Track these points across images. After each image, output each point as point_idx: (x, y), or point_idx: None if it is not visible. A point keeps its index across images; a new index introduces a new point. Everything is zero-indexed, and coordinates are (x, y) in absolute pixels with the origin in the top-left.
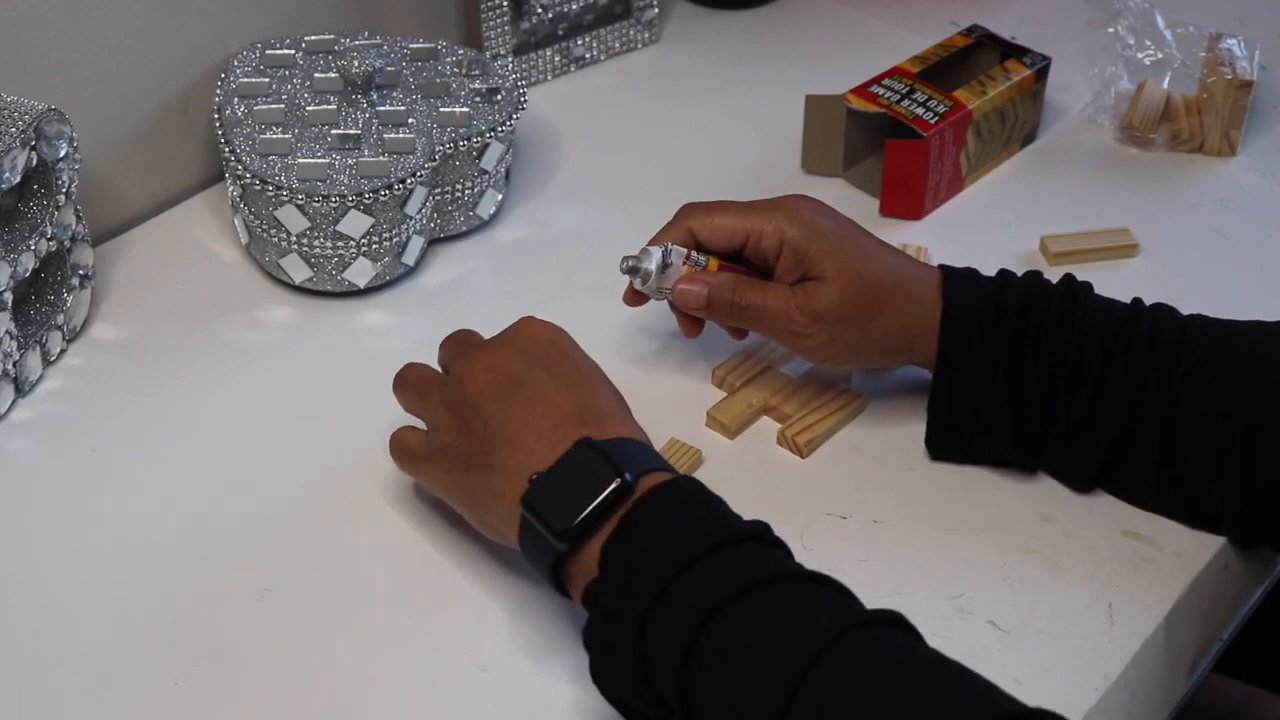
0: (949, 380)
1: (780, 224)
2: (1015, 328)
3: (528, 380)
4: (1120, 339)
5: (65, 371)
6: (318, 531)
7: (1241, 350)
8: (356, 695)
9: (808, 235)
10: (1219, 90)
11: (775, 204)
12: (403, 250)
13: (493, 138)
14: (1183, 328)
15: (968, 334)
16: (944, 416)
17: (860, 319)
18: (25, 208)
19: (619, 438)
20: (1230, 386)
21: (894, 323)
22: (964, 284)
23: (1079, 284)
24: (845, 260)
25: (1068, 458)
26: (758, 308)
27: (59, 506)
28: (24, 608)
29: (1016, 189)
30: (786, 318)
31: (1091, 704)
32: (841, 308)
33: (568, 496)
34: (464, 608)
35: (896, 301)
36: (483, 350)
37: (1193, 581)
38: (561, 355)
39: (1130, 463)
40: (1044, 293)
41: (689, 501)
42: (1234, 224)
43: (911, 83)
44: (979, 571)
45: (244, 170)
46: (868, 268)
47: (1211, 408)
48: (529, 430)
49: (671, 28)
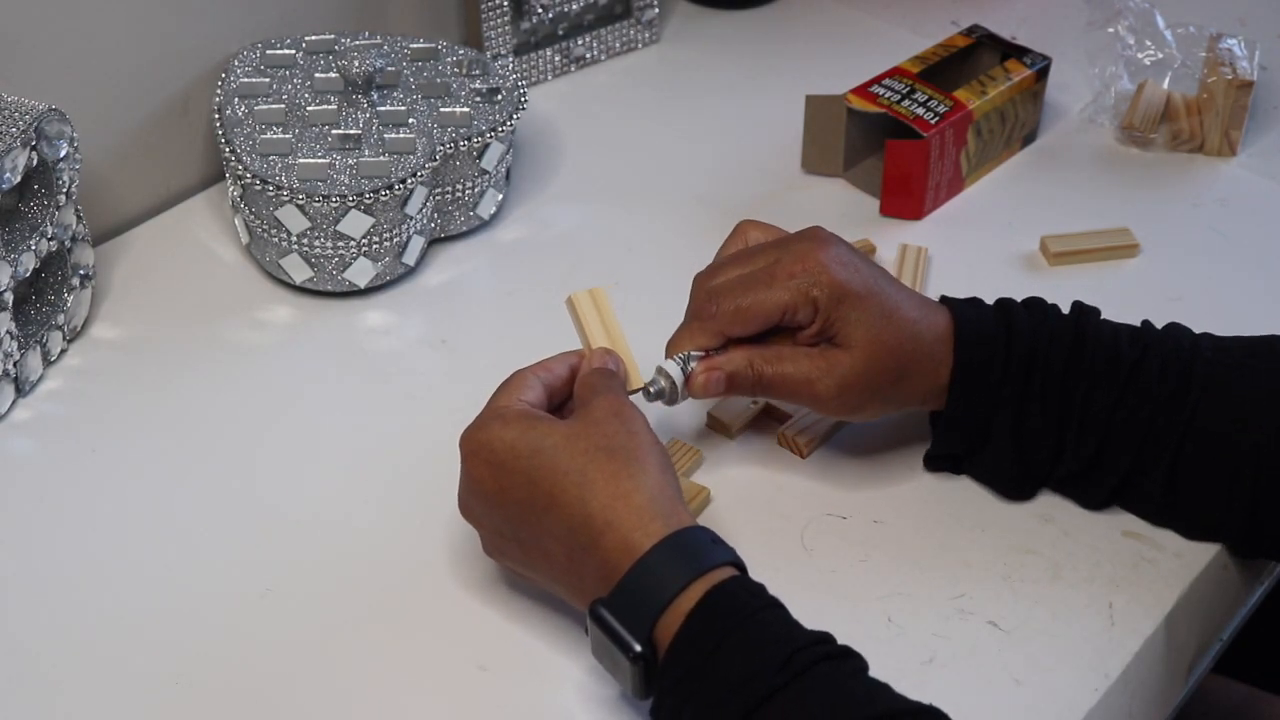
0: (950, 428)
1: (810, 291)
2: (1023, 378)
3: (505, 532)
4: (1129, 383)
5: (65, 371)
6: (318, 531)
7: (1248, 371)
8: (356, 695)
9: (836, 300)
10: (1219, 90)
11: (798, 266)
12: (403, 250)
13: (493, 138)
14: (1190, 357)
15: (974, 385)
16: (942, 454)
17: (884, 386)
18: (26, 208)
19: (623, 579)
20: (1237, 407)
21: (912, 384)
22: (972, 332)
23: (1086, 317)
24: (871, 330)
25: (1074, 491)
26: (781, 379)
27: (59, 506)
28: (24, 607)
29: (1016, 189)
30: (810, 387)
31: (1091, 704)
32: (865, 379)
33: (612, 671)
34: (464, 608)
35: (917, 364)
36: (470, 460)
37: (1193, 582)
38: (523, 468)
39: (1136, 490)
40: (1049, 339)
41: (710, 648)
42: (1234, 224)
43: (912, 83)
44: (979, 571)
45: (244, 170)
46: (893, 336)
47: (1219, 433)
48: (560, 549)
49: (671, 28)
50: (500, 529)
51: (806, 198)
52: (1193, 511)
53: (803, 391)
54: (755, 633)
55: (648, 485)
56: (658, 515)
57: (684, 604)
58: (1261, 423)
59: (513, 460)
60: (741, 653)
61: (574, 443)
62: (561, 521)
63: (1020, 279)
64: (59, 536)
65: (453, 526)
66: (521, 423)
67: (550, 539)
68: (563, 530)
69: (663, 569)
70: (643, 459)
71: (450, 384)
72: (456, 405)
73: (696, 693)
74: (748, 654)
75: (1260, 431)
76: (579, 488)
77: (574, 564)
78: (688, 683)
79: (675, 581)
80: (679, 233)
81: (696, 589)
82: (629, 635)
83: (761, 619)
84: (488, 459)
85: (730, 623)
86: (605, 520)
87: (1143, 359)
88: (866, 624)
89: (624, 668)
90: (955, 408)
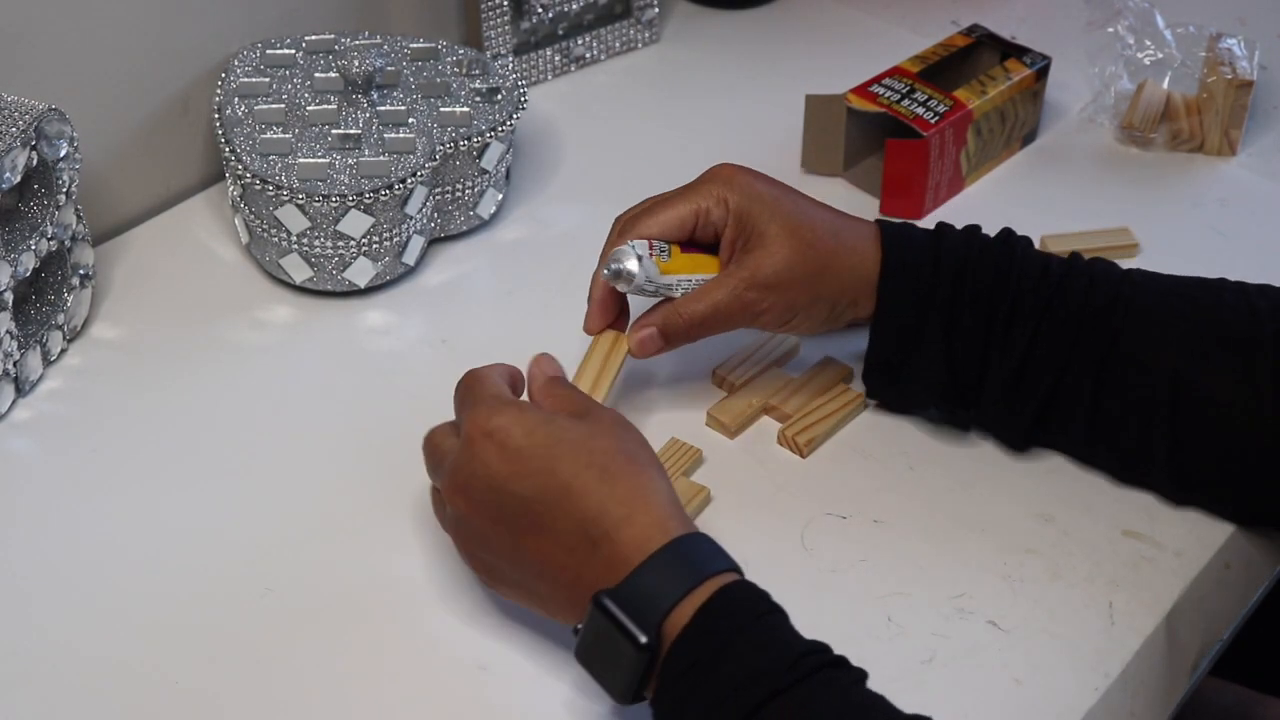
0: (885, 328)
1: (722, 192)
2: (952, 281)
3: (524, 510)
4: (1057, 291)
5: (65, 371)
6: (318, 531)
7: (1174, 301)
8: (356, 695)
9: (748, 199)
10: (1219, 90)
11: (710, 176)
12: (403, 250)
13: (493, 137)
14: (1119, 282)
15: (905, 284)
16: (880, 360)
17: (808, 279)
18: (25, 208)
19: (635, 572)
20: (1160, 336)
21: (839, 278)
22: (901, 237)
23: (1017, 238)
24: (786, 222)
25: (1001, 410)
26: (710, 310)
27: (59, 506)
28: (24, 607)
29: (1016, 189)
30: (739, 301)
31: (1091, 704)
32: (789, 272)
33: (601, 671)
34: (464, 607)
35: (840, 257)
36: (458, 492)
37: (1193, 581)
38: (526, 455)
39: (1061, 411)
40: (981, 247)
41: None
42: (1234, 224)
43: (911, 82)
44: (979, 571)
45: (244, 170)
46: (808, 227)
47: (1141, 356)
48: (553, 565)
49: (671, 28)
50: (493, 517)
51: None
52: (1115, 444)
53: (735, 309)
54: (763, 634)
55: (665, 490)
56: (674, 517)
57: (694, 600)
58: (1181, 349)
59: (530, 447)
60: (750, 650)
61: (595, 440)
62: (573, 514)
63: None
64: (59, 536)
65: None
66: (538, 413)
67: (551, 532)
68: (571, 523)
69: (675, 566)
70: (657, 469)
71: (450, 384)
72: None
73: (702, 684)
74: (756, 652)
75: (1179, 358)
76: (600, 482)
77: (574, 558)
78: (694, 675)
79: (687, 579)
80: None
81: (707, 587)
82: (636, 627)
83: (769, 621)
84: (502, 442)
85: (740, 621)
86: (624, 515)
87: (1069, 275)
88: (866, 624)
89: (624, 662)
90: (886, 303)
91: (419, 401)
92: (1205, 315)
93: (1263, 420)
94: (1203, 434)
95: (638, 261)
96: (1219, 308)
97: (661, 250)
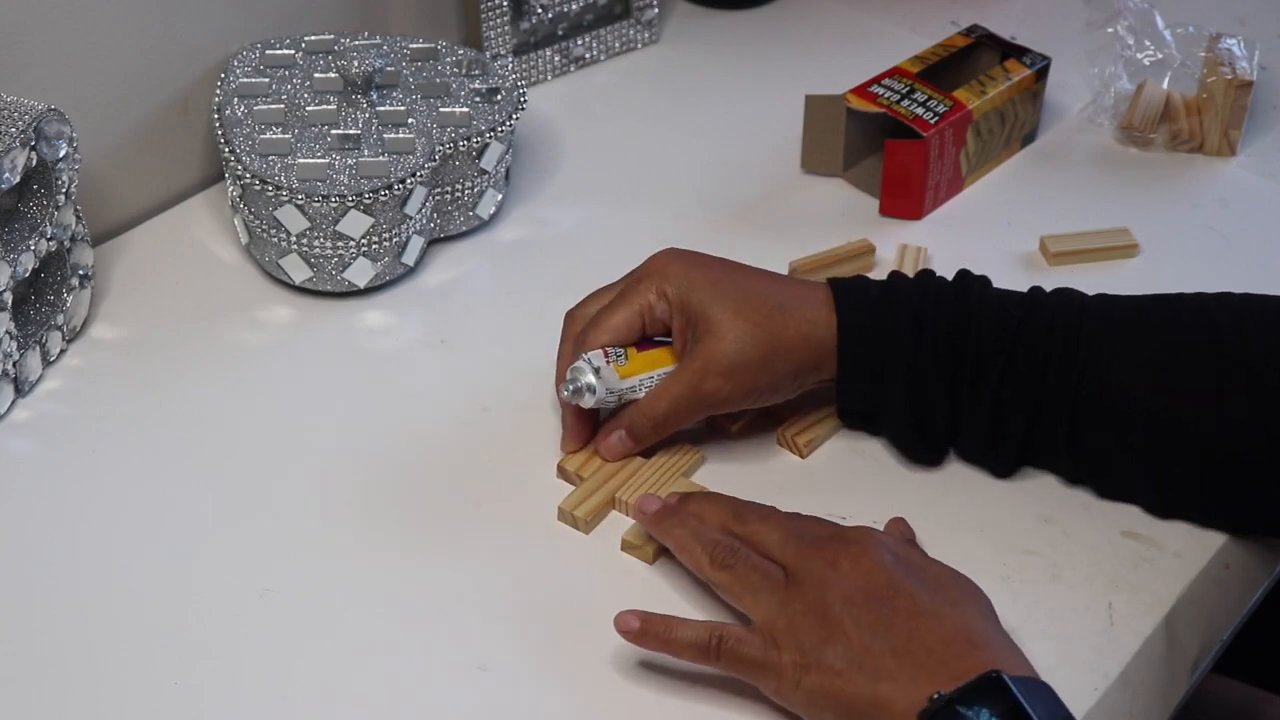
0: (850, 393)
1: (660, 286)
2: (913, 339)
3: (902, 591)
4: (1018, 334)
5: (65, 371)
6: (318, 531)
7: (1136, 331)
8: (356, 695)
9: (686, 288)
10: (1219, 90)
11: (646, 271)
12: (403, 250)
13: (493, 138)
14: (1079, 311)
15: (863, 348)
16: (850, 416)
17: (763, 360)
18: (25, 208)
19: (1025, 678)
20: (1126, 371)
21: (794, 351)
22: (854, 296)
23: (973, 279)
24: (729, 304)
25: (982, 453)
26: (670, 407)
27: (58, 506)
28: (23, 607)
29: (1016, 189)
30: (698, 393)
31: (1091, 704)
32: (741, 355)
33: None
34: (464, 608)
35: (791, 329)
36: (844, 549)
37: (1193, 581)
38: (922, 560)
39: (1041, 453)
40: (937, 297)
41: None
42: (1234, 224)
43: (911, 83)
44: (978, 572)
45: (244, 170)
46: (753, 305)
47: (1110, 396)
48: (917, 643)
49: (671, 28)
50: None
51: (806, 198)
52: (1099, 477)
53: (696, 401)
54: None
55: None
56: (1019, 654)
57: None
58: (1148, 382)
59: (909, 563)
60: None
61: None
62: (935, 630)
63: (1019, 279)
64: (58, 536)
65: (453, 526)
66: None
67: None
68: (934, 638)
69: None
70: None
71: (450, 384)
72: (456, 405)
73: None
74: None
75: (1149, 391)
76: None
77: (951, 650)
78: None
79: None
80: (678, 233)
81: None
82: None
83: None
84: (897, 554)
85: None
86: (983, 639)
87: (1029, 315)
88: None
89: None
90: (846, 366)
91: (419, 401)
92: (1166, 339)
93: (1241, 437)
94: (1183, 462)
95: (595, 374)
96: (1179, 327)
97: (617, 355)
